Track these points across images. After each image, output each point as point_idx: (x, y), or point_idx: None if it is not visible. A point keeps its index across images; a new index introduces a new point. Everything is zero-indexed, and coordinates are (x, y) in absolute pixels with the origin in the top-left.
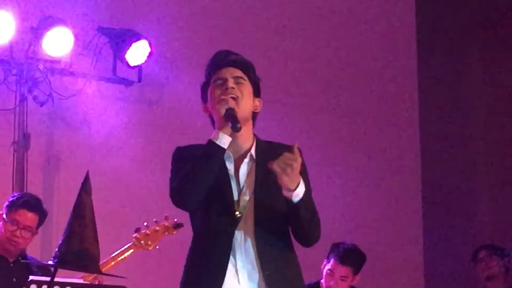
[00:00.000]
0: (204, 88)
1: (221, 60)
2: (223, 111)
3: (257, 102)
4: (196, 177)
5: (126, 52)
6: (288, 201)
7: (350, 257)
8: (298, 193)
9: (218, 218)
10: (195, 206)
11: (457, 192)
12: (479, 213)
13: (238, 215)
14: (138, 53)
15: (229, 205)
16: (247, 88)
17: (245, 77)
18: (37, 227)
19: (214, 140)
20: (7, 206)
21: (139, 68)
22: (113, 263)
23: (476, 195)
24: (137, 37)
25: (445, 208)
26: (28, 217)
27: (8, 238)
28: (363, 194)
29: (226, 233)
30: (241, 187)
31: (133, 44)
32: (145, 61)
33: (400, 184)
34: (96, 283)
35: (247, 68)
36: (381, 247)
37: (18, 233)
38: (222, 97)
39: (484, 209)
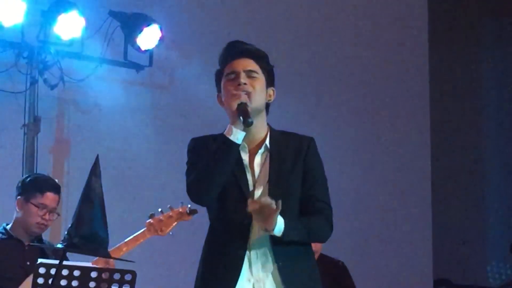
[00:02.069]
0: (218, 76)
1: (234, 51)
2: (235, 106)
3: (271, 92)
4: (211, 174)
5: (137, 37)
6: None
7: None
8: (278, 230)
9: (234, 208)
10: (212, 202)
11: (467, 180)
12: (490, 200)
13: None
14: (149, 37)
15: (244, 195)
16: (260, 81)
17: (258, 70)
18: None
19: (228, 136)
20: (28, 190)
21: (150, 52)
22: (125, 248)
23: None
24: (148, 21)
25: (455, 197)
26: (55, 199)
27: (38, 223)
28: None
29: (243, 225)
30: (256, 177)
31: (145, 29)
32: (156, 45)
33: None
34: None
35: (260, 58)
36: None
37: (47, 216)
38: (234, 92)
39: (495, 195)
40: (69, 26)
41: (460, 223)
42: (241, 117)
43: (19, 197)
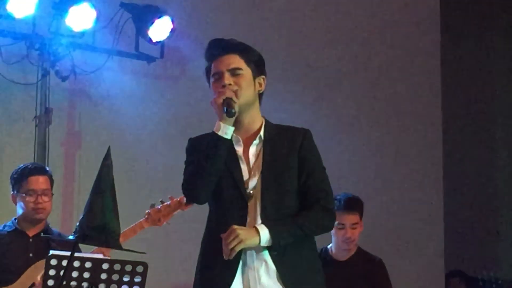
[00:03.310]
0: (207, 75)
1: (216, 49)
2: (220, 101)
3: (260, 81)
4: (202, 171)
5: (148, 28)
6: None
7: (353, 203)
8: (265, 241)
9: (230, 200)
10: (207, 199)
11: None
12: (502, 191)
13: (248, 195)
14: (160, 29)
15: (239, 185)
16: (245, 77)
17: (242, 64)
18: (51, 188)
19: (216, 132)
20: (15, 183)
21: (161, 44)
22: (121, 239)
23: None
24: (160, 13)
25: (467, 188)
26: (41, 181)
27: (32, 208)
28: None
29: (239, 216)
30: (251, 167)
31: (156, 20)
32: (168, 37)
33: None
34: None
35: (243, 51)
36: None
37: (40, 199)
38: (220, 90)
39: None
40: (81, 18)
41: (472, 214)
42: (224, 108)
43: (11, 192)
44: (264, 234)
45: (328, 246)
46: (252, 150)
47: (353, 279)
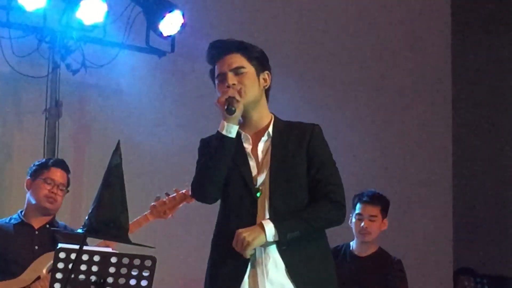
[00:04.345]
0: (211, 76)
1: (218, 50)
2: (223, 100)
3: (265, 76)
4: (208, 170)
5: (159, 22)
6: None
7: (376, 197)
8: (271, 235)
9: (239, 196)
10: (214, 198)
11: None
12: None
13: (257, 191)
14: (171, 23)
15: (248, 181)
16: (248, 75)
17: (245, 62)
18: (67, 187)
19: (221, 131)
20: (36, 170)
21: (172, 38)
22: None
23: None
24: (170, 7)
25: (477, 184)
26: (62, 175)
27: (45, 195)
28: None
29: (248, 213)
30: (259, 163)
31: (167, 15)
32: (179, 31)
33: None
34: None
35: (245, 49)
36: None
37: (55, 189)
38: (224, 90)
39: None
40: (91, 11)
41: (482, 211)
42: (225, 106)
43: (27, 178)
44: (269, 229)
45: (351, 242)
46: (261, 146)
47: (370, 276)
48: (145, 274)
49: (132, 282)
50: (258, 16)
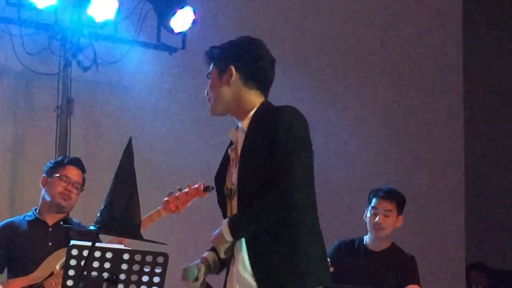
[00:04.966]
0: None
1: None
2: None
3: (228, 71)
4: None
5: (170, 19)
6: None
7: (392, 193)
8: (229, 235)
9: (220, 197)
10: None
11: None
12: None
13: (228, 190)
14: (182, 20)
15: (222, 182)
16: (213, 79)
17: (211, 68)
18: (82, 186)
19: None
20: (52, 167)
21: (183, 35)
22: None
23: None
24: (181, 3)
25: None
26: (77, 174)
27: (60, 192)
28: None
29: (224, 213)
30: (234, 163)
31: (178, 11)
32: (190, 28)
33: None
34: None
35: (210, 55)
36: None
37: (70, 187)
38: None
39: None
40: (103, 8)
41: (494, 206)
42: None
43: (43, 175)
44: (225, 228)
45: (365, 236)
46: (240, 144)
47: (383, 270)
48: (158, 270)
49: (145, 278)
50: (269, 12)
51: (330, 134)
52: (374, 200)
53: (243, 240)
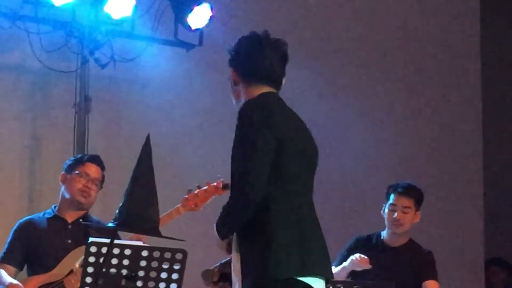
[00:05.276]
0: None
1: None
2: None
3: (231, 73)
4: None
5: (187, 16)
6: None
7: (410, 189)
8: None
9: None
10: None
11: None
12: None
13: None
14: (199, 16)
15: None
16: (231, 82)
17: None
18: (101, 183)
19: None
20: (71, 164)
21: (200, 31)
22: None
23: None
24: (198, 0)
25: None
26: (97, 171)
27: (80, 189)
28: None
29: None
30: None
31: (195, 8)
32: (207, 24)
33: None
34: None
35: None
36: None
37: (89, 184)
38: None
39: None
40: (120, 5)
41: None
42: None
43: (62, 173)
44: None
45: (382, 232)
46: None
47: (400, 266)
48: (176, 267)
49: (163, 275)
50: (287, 8)
51: (350, 134)
52: (392, 197)
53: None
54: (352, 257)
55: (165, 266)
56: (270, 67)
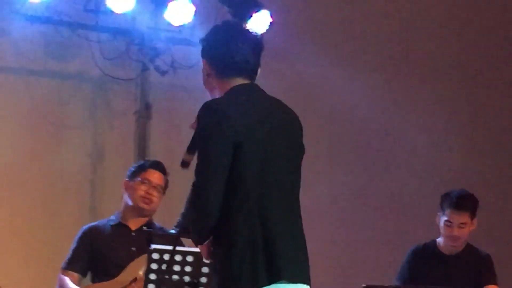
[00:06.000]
0: None
1: None
2: None
3: (204, 66)
4: None
5: (247, 22)
6: None
7: (465, 202)
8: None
9: None
10: None
11: None
12: None
13: None
14: (259, 23)
15: None
16: (204, 74)
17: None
18: (164, 189)
19: None
20: (133, 171)
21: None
22: None
23: None
24: (258, 7)
25: None
26: (159, 177)
27: (142, 196)
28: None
29: None
30: None
31: (254, 14)
32: (266, 31)
33: None
34: None
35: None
36: None
37: (151, 191)
38: None
39: None
40: (179, 12)
41: None
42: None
43: (125, 179)
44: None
45: (437, 239)
46: None
47: (459, 274)
48: None
49: None
50: (342, 15)
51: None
52: (447, 212)
53: None
54: None
55: None
56: (243, 58)
